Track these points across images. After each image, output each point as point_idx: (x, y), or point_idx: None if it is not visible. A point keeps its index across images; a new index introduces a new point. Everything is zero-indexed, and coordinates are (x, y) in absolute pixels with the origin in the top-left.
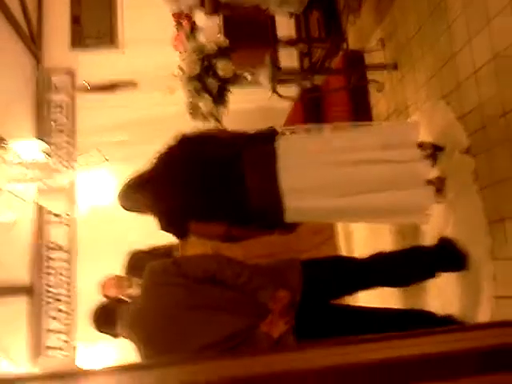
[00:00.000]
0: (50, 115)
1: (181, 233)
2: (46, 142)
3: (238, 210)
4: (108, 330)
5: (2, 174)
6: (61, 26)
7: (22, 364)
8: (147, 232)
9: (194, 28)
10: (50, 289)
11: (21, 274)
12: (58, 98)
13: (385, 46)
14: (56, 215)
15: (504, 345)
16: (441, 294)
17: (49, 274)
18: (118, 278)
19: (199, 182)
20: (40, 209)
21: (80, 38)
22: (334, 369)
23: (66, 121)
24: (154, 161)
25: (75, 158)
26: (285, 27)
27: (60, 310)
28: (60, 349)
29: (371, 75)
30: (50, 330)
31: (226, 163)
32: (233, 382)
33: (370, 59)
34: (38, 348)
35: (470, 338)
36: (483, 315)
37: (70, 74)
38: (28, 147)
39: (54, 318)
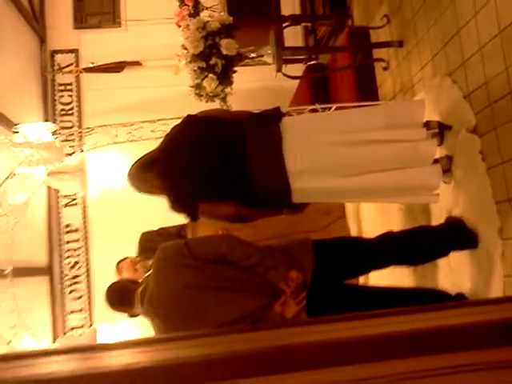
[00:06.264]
0: (55, 96)
1: (190, 213)
2: (53, 123)
3: (245, 190)
4: (122, 309)
5: (12, 157)
6: (63, 4)
7: (44, 342)
8: (159, 213)
9: (197, 4)
10: (67, 271)
11: (40, 256)
12: (62, 78)
13: (390, 22)
14: (68, 197)
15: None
16: (451, 273)
17: (65, 255)
18: (132, 261)
19: (205, 163)
20: (54, 191)
21: (82, 15)
22: (342, 342)
23: (72, 102)
24: (162, 141)
25: (83, 140)
26: (289, 4)
27: (78, 291)
28: (81, 328)
29: (377, 54)
30: (70, 311)
31: (230, 144)
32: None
33: (375, 37)
34: (59, 327)
35: (479, 312)
36: (494, 294)
37: (74, 53)
38: (35, 129)
39: (73, 299)
